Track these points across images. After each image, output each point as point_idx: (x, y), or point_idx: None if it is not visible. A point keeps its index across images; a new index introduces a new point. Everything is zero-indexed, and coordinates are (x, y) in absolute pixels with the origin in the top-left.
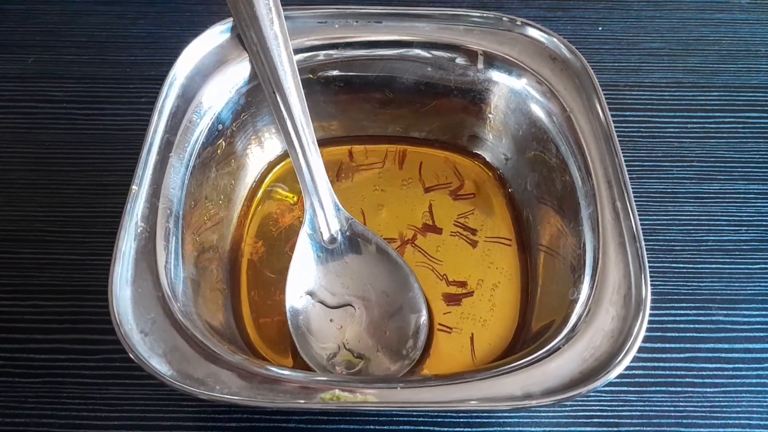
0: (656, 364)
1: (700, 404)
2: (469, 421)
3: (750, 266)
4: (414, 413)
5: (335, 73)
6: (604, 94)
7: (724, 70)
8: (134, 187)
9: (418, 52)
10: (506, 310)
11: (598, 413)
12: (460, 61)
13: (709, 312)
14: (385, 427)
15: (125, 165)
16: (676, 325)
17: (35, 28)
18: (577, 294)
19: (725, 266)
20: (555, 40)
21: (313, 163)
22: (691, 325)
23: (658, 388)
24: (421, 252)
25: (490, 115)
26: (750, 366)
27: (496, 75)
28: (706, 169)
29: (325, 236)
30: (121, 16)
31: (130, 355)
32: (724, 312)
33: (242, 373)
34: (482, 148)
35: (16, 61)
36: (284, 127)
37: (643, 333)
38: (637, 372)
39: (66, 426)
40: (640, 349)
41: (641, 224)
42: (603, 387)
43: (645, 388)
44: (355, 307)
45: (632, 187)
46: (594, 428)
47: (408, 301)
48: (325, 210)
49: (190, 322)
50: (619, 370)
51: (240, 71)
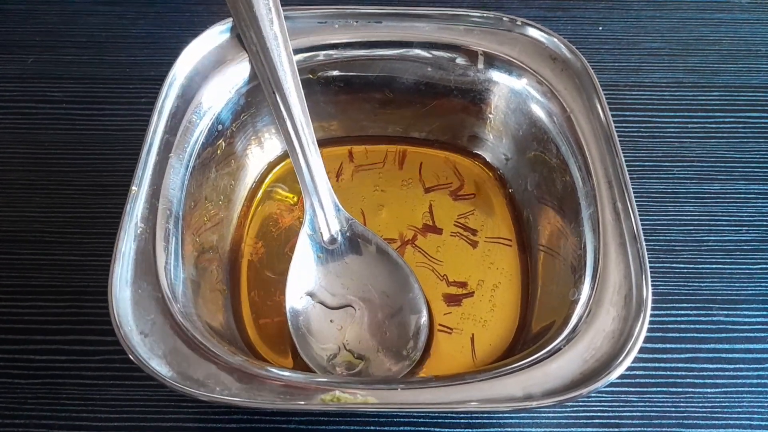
0: (657, 365)
1: (701, 405)
2: (470, 422)
3: (751, 266)
4: (414, 414)
5: (335, 73)
6: (605, 94)
7: (724, 70)
8: (134, 188)
9: (418, 52)
10: (507, 310)
11: (599, 414)
12: (460, 61)
13: (710, 312)
14: (386, 428)
15: (125, 165)
16: (676, 326)
17: (35, 29)
18: (578, 294)
19: (726, 266)
20: (555, 40)
21: (313, 163)
22: (692, 326)
23: (659, 389)
24: (422, 252)
25: (491, 116)
26: (751, 366)
27: (496, 75)
28: (706, 169)
29: (326, 237)
30: (120, 16)
31: (130, 357)
32: (725, 312)
33: (242, 375)
34: (482, 148)
35: (16, 61)
36: (284, 127)
37: (644, 334)
38: (638, 372)
39: (66, 427)
40: (641, 350)
41: (642, 224)
42: (604, 387)
43: (646, 389)
44: (355, 308)
45: (633, 188)
46: (595, 429)
47: (408, 301)
48: (325, 210)
49: (190, 323)
50: (620, 371)
51: (240, 71)
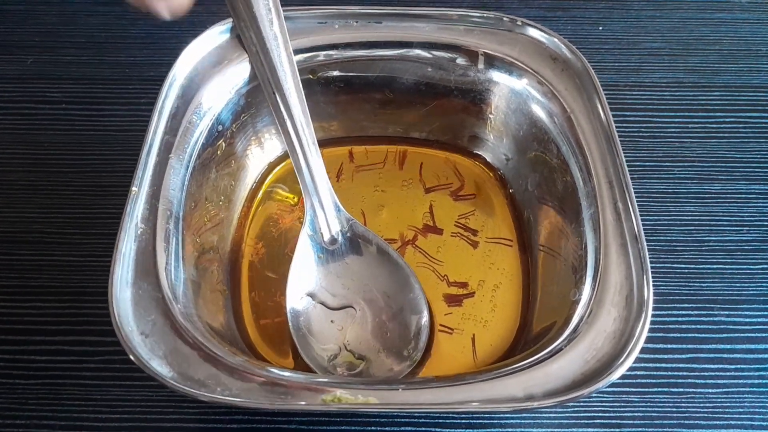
0: (658, 365)
1: (702, 405)
2: (471, 422)
3: (752, 267)
4: (415, 415)
5: (335, 73)
6: (605, 94)
7: (724, 70)
8: (134, 189)
9: (419, 52)
10: (507, 311)
11: (600, 414)
12: (460, 61)
13: (711, 313)
14: (387, 429)
15: (124, 166)
16: (678, 326)
17: (34, 29)
18: (579, 295)
19: (727, 267)
20: (555, 40)
21: (314, 163)
22: (693, 326)
23: (660, 389)
24: (422, 253)
25: (491, 116)
26: (752, 366)
27: (496, 75)
28: (707, 169)
29: (326, 237)
30: (120, 16)
31: (131, 357)
32: (726, 313)
33: (243, 375)
34: (483, 148)
35: (15, 62)
36: (284, 127)
37: (645, 334)
38: (639, 373)
39: (66, 428)
40: (642, 350)
41: (642, 225)
42: (605, 388)
43: (647, 389)
44: (356, 309)
45: (633, 188)
46: (596, 429)
47: (409, 302)
48: (326, 211)
49: (190, 324)
50: (621, 372)
51: (240, 72)
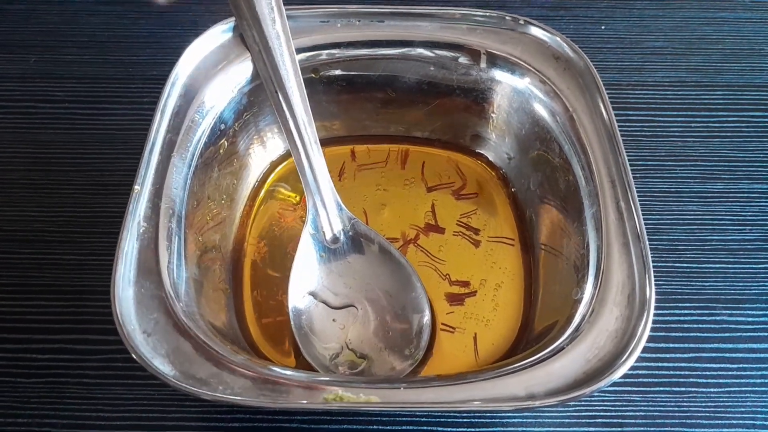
0: (660, 364)
1: (704, 404)
2: (472, 421)
3: (754, 266)
4: (417, 414)
5: (337, 72)
6: (607, 94)
7: (727, 69)
8: (136, 187)
9: (421, 51)
10: (509, 310)
11: (602, 413)
12: (462, 60)
13: (714, 312)
14: (388, 428)
15: (127, 165)
16: (680, 325)
17: (36, 28)
18: (581, 294)
19: (729, 266)
20: (558, 39)
21: (316, 162)
22: (695, 325)
23: (662, 388)
24: (424, 252)
25: (493, 115)
26: (754, 366)
27: (498, 74)
28: (709, 169)
29: (328, 236)
30: (122, 15)
31: (133, 356)
32: (729, 312)
33: (245, 374)
34: (485, 147)
35: (17, 61)
36: (286, 126)
37: (647, 333)
38: (641, 372)
39: (68, 426)
40: (644, 349)
41: (645, 224)
42: (607, 387)
43: (649, 388)
44: (358, 308)
45: (636, 187)
46: (598, 428)
47: (411, 301)
48: (328, 210)
49: (192, 323)
50: (623, 371)
51: (242, 71)
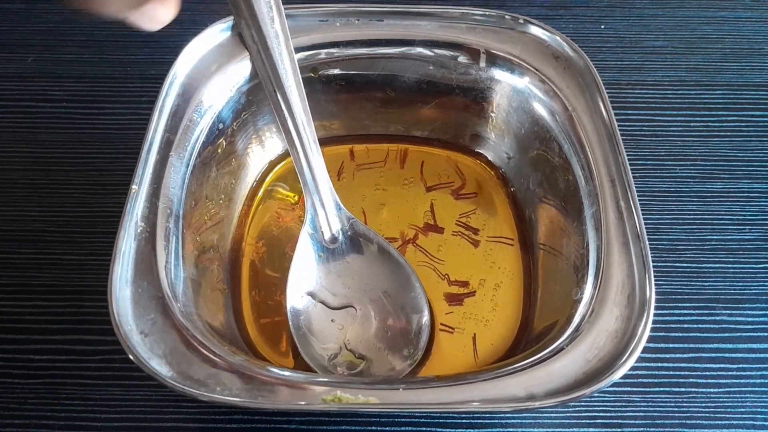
0: (660, 365)
1: (704, 405)
2: (472, 422)
3: (754, 265)
4: (416, 414)
5: (336, 71)
6: (607, 93)
7: (727, 68)
8: (134, 187)
9: (420, 50)
10: (509, 310)
11: (602, 414)
12: (462, 59)
13: (713, 312)
14: (387, 428)
15: (125, 164)
16: (679, 325)
17: (35, 27)
18: (581, 294)
19: (729, 265)
20: (558, 38)
21: (314, 162)
22: (695, 325)
23: (662, 389)
24: (423, 252)
25: (493, 114)
26: (754, 366)
27: (498, 73)
28: (709, 168)
29: (327, 236)
30: None
31: (130, 356)
32: (728, 312)
33: (243, 375)
34: (484, 147)
35: (16, 60)
36: (285, 126)
37: (647, 333)
38: (640, 372)
39: (66, 427)
40: (644, 349)
41: (644, 223)
42: (607, 387)
43: (649, 389)
44: (356, 308)
45: (635, 186)
46: (597, 429)
47: (410, 301)
48: (327, 209)
49: (190, 323)
50: (623, 371)
51: (240, 70)
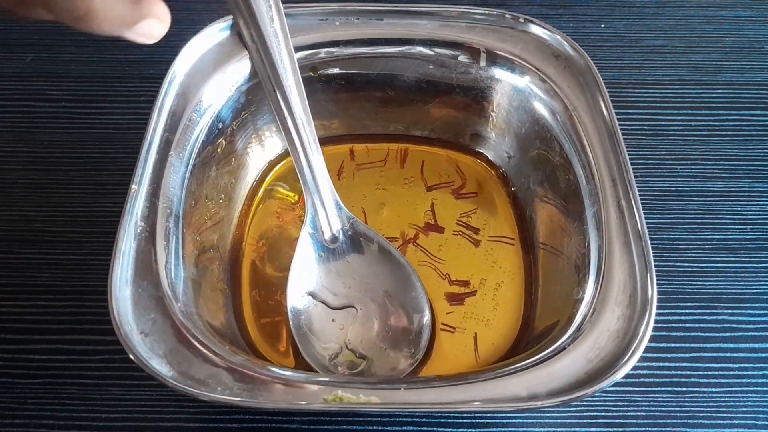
0: (661, 364)
1: (705, 404)
2: (473, 421)
3: (755, 265)
4: (417, 414)
5: (336, 71)
6: (608, 92)
7: (727, 68)
8: (134, 186)
9: (420, 49)
10: (510, 309)
11: (603, 413)
12: (462, 58)
13: (715, 311)
14: (388, 428)
15: (125, 164)
16: (681, 325)
17: (34, 27)
18: (582, 294)
19: (730, 265)
20: (558, 37)
21: (314, 161)
22: (697, 325)
23: (664, 388)
24: (424, 251)
25: (493, 113)
26: (756, 365)
27: (498, 73)
28: (710, 167)
29: (327, 235)
30: None
31: (131, 356)
32: (730, 311)
33: (243, 374)
34: (485, 146)
35: (15, 59)
36: (285, 125)
37: (649, 333)
38: (642, 372)
39: (66, 427)
40: (646, 349)
41: (646, 223)
42: (608, 387)
43: (650, 388)
44: (357, 308)
45: (637, 186)
46: (599, 429)
47: (410, 300)
48: (327, 209)
49: (190, 323)
50: (625, 371)
51: (240, 69)
